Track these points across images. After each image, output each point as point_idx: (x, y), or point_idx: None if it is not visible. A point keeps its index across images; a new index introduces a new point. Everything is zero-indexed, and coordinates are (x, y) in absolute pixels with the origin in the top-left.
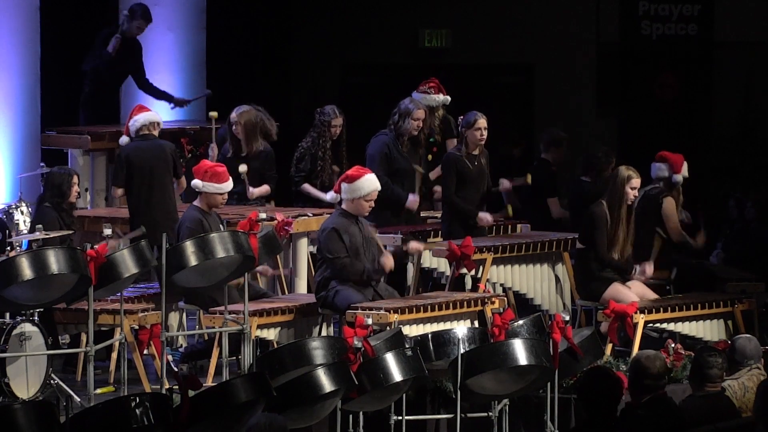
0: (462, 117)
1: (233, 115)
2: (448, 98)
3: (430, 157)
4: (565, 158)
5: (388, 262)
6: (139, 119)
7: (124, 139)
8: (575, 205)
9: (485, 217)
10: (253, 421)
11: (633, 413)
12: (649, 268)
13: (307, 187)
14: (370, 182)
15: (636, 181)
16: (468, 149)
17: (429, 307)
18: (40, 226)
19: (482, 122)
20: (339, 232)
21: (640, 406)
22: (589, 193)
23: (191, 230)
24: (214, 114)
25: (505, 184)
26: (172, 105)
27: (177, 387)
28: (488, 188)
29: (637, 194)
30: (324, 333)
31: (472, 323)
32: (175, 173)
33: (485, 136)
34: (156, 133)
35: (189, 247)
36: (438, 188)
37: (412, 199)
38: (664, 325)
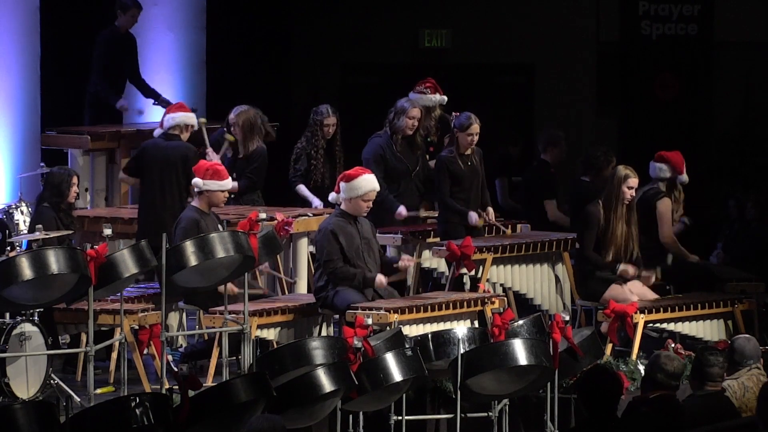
0: (455, 114)
1: (231, 116)
2: (445, 98)
3: (427, 157)
4: (565, 158)
5: (382, 282)
6: (174, 118)
7: (157, 131)
8: (575, 206)
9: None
10: (252, 423)
11: (637, 409)
12: (632, 270)
13: (301, 188)
14: (368, 182)
15: (633, 181)
16: (459, 150)
17: (429, 307)
18: (39, 226)
19: (475, 128)
20: (336, 233)
21: (646, 402)
22: (588, 192)
23: (186, 231)
24: (203, 120)
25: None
26: (155, 102)
27: (177, 387)
28: (483, 186)
29: (634, 194)
30: (324, 333)
31: (472, 323)
32: (187, 178)
33: (475, 141)
34: (184, 135)
35: (189, 247)
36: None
37: (400, 211)
38: (664, 325)
